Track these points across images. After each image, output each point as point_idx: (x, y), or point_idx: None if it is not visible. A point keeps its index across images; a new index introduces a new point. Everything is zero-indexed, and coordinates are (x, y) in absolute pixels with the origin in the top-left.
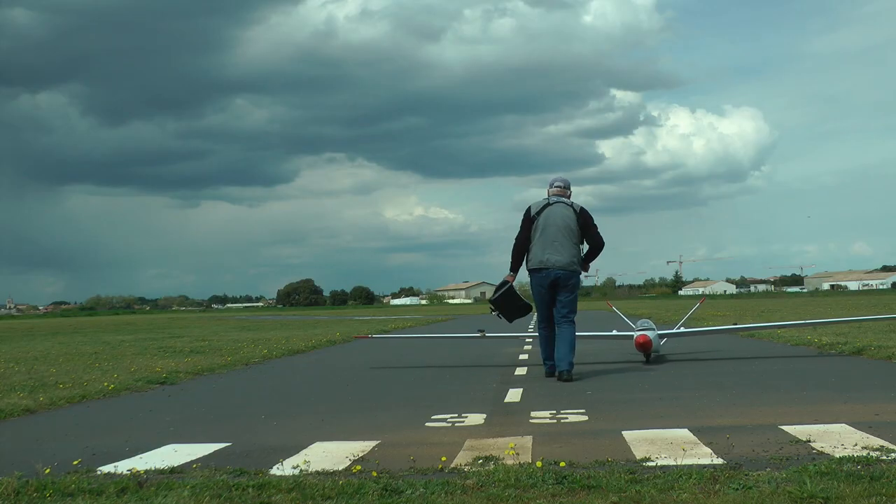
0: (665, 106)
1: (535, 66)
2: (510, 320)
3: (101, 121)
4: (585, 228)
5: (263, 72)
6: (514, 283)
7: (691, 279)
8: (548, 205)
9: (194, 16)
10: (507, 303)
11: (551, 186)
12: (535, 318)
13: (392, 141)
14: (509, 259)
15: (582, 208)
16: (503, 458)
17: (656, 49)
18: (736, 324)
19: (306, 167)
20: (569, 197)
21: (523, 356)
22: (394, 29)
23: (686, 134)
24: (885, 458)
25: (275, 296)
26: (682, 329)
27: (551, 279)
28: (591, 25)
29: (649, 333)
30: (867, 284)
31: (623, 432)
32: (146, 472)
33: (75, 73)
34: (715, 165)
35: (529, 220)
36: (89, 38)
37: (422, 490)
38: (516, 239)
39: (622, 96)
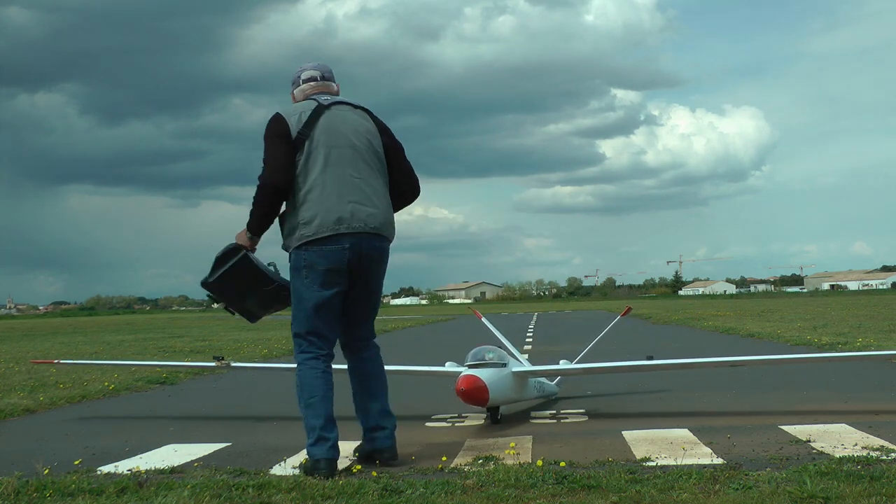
0: (666, 105)
1: (535, 65)
2: (253, 318)
3: (99, 120)
4: (395, 154)
5: (262, 71)
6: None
7: (691, 279)
8: (322, 108)
9: (193, 14)
10: (238, 284)
11: (301, 81)
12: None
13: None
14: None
15: (374, 116)
16: (503, 458)
17: (657, 48)
18: (651, 357)
19: None
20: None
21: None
22: (393, 27)
23: (687, 133)
24: (885, 458)
25: None
26: (566, 365)
27: (358, 255)
28: (592, 24)
29: (484, 374)
30: (867, 284)
31: (623, 432)
32: (146, 472)
33: (73, 72)
34: (715, 165)
35: (289, 136)
36: (86, 38)
37: (422, 490)
38: (266, 180)
39: (623, 95)
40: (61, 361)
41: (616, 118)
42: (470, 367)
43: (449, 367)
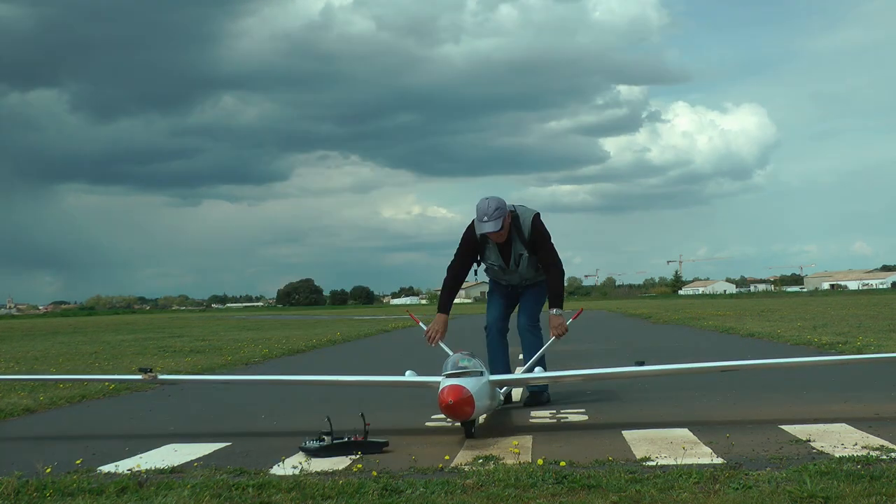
0: (670, 103)
1: (537, 60)
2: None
3: (91, 118)
4: None
5: (257, 67)
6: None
7: (691, 279)
8: None
9: (185, 7)
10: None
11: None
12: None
13: (389, 139)
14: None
15: None
16: (503, 458)
17: (662, 44)
18: (643, 363)
19: (300, 165)
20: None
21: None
22: (391, 21)
23: (691, 131)
24: (885, 457)
25: (275, 295)
26: (541, 373)
27: None
28: (596, 20)
29: (469, 384)
30: (867, 284)
31: (623, 432)
32: (146, 471)
33: (63, 68)
34: (719, 163)
35: None
36: (76, 32)
37: (422, 490)
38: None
39: (627, 92)
40: None
41: (620, 115)
42: (449, 376)
43: (409, 376)
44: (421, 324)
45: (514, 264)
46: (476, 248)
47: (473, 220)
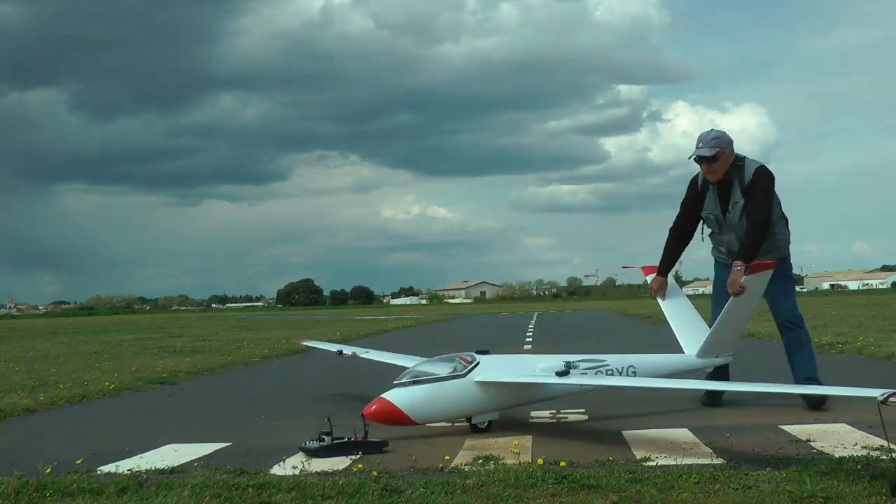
0: (670, 102)
1: (537, 60)
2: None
3: (89, 117)
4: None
5: (254, 67)
6: None
7: (692, 279)
8: None
9: (182, 6)
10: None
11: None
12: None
13: (389, 139)
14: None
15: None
16: (503, 458)
17: (662, 44)
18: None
19: (300, 165)
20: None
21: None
22: (390, 19)
23: (690, 131)
24: (885, 457)
25: (274, 295)
26: (554, 378)
27: None
28: (597, 19)
29: (397, 395)
30: (867, 284)
31: (623, 432)
32: (146, 471)
33: (61, 68)
34: None
35: None
36: (74, 32)
37: (422, 490)
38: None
39: (627, 92)
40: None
41: (620, 115)
42: (395, 385)
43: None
44: (648, 278)
45: (731, 212)
46: (696, 196)
47: (697, 174)
